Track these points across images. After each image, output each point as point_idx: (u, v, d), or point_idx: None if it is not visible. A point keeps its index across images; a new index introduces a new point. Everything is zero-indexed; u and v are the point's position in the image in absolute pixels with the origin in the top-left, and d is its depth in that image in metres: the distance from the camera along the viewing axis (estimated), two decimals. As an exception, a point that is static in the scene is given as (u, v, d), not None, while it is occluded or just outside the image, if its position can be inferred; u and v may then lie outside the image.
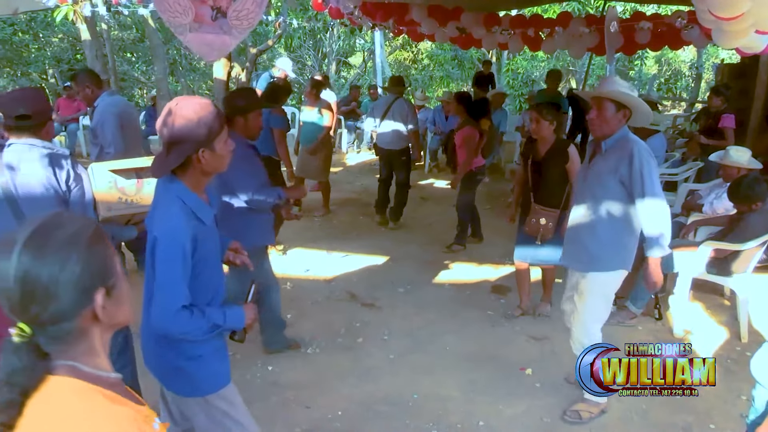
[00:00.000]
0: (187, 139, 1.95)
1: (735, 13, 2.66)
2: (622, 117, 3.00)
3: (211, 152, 1.99)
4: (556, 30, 6.44)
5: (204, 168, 2.02)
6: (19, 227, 1.08)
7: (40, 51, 16.86)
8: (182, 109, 1.97)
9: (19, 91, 2.95)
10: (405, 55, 21.51)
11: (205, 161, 2.00)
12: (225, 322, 2.08)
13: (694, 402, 3.45)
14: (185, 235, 1.96)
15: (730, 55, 15.19)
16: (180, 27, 3.81)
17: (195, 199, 2.03)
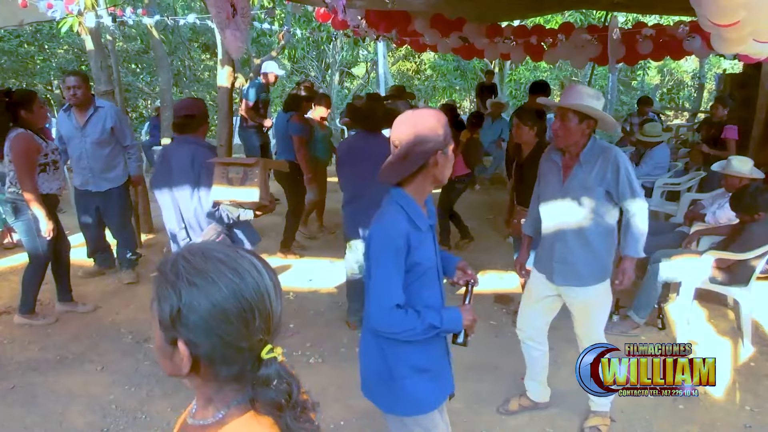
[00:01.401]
0: (429, 140, 1.96)
1: (730, 21, 2.68)
2: (586, 128, 2.96)
3: (444, 156, 2.00)
4: (559, 38, 6.47)
5: (437, 172, 2.02)
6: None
7: (45, 62, 16.95)
8: (420, 114, 2.02)
9: (187, 99, 3.94)
10: (408, 65, 21.58)
11: (440, 165, 2.00)
12: (442, 323, 2.02)
13: (697, 413, 3.44)
14: (399, 233, 1.97)
15: (733, 65, 15.19)
16: (222, 23, 4.09)
17: (413, 205, 2.03)
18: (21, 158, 4.24)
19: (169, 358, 1.04)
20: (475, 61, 16.86)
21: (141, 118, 17.76)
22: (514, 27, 7.64)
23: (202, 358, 1.01)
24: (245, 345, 1.01)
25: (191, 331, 0.99)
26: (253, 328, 1.01)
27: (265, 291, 1.03)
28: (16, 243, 6.43)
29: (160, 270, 1.03)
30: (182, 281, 0.98)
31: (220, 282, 0.99)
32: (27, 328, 4.54)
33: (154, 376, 3.87)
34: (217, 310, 0.98)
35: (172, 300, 0.98)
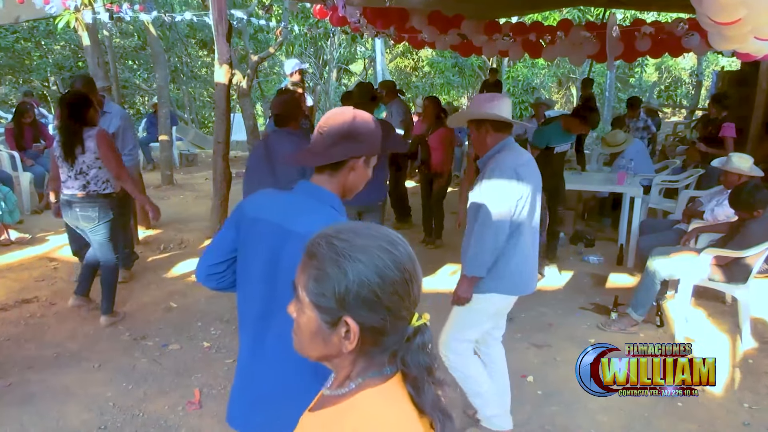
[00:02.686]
0: (360, 140, 1.76)
1: (731, 19, 2.67)
2: (485, 133, 2.93)
3: (365, 166, 1.79)
4: (558, 35, 6.46)
5: (350, 179, 1.78)
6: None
7: (42, 59, 16.92)
8: (363, 114, 1.81)
9: (285, 95, 4.51)
10: (406, 62, 21.57)
11: (357, 172, 1.78)
12: None
13: (696, 410, 3.43)
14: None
15: (730, 62, 15.23)
16: None
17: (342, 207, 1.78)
18: (113, 152, 4.28)
19: (324, 340, 1.05)
20: (473, 58, 16.85)
21: (138, 115, 17.74)
22: (513, 24, 7.61)
23: (367, 331, 1.03)
24: (406, 314, 1.05)
25: (361, 307, 1.01)
26: (412, 295, 1.05)
27: (414, 259, 1.07)
28: (14, 240, 6.42)
29: (313, 252, 1.04)
30: (346, 259, 1.00)
31: (383, 255, 1.02)
32: (23, 327, 4.52)
33: (152, 374, 3.86)
34: (385, 282, 1.01)
35: (339, 278, 1.00)
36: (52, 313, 4.73)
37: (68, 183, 4.24)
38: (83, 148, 4.17)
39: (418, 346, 1.04)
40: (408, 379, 1.05)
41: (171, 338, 4.33)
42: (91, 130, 4.22)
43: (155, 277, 5.54)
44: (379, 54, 15.48)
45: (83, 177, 4.21)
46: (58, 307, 4.83)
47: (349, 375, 1.08)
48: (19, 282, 5.37)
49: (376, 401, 1.03)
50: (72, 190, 4.24)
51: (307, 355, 1.11)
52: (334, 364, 1.10)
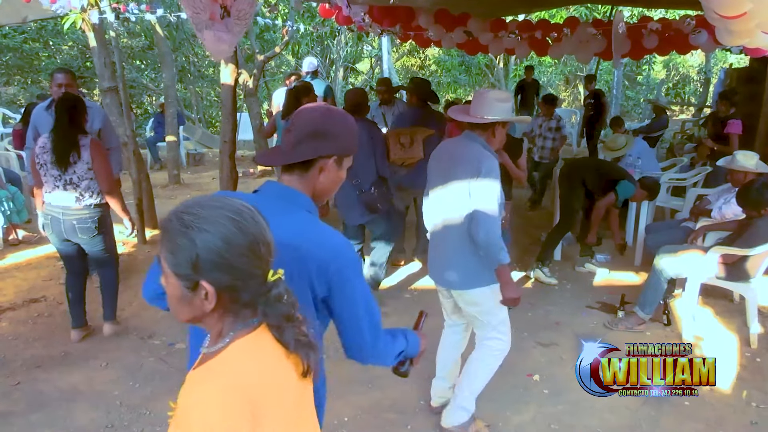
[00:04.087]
0: (334, 137, 1.63)
1: (737, 13, 2.66)
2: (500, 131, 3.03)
3: (335, 167, 1.65)
4: (564, 33, 6.43)
5: (319, 182, 1.65)
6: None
7: (50, 59, 16.99)
8: (335, 111, 1.69)
9: (356, 90, 5.24)
10: (412, 61, 21.55)
11: (326, 173, 1.64)
12: (406, 346, 1.78)
13: (703, 409, 3.42)
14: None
15: (739, 59, 15.12)
16: (200, 23, 3.94)
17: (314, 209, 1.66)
18: (108, 164, 4.10)
19: (189, 304, 1.19)
20: (480, 56, 16.81)
21: (146, 115, 17.81)
22: (519, 22, 7.57)
23: (223, 290, 1.16)
24: (257, 272, 1.18)
25: (212, 270, 1.14)
26: (260, 255, 1.18)
27: (261, 224, 1.20)
28: (21, 239, 6.45)
29: (166, 228, 1.16)
30: (193, 230, 1.13)
31: (227, 223, 1.14)
32: (31, 325, 4.55)
33: (159, 373, 3.87)
34: (230, 246, 1.14)
35: (190, 248, 1.13)
36: (60, 312, 4.76)
37: (56, 194, 3.95)
38: (78, 155, 3.91)
39: (274, 297, 1.20)
40: (271, 326, 1.21)
41: (178, 337, 4.35)
42: (84, 138, 3.96)
43: (162, 276, 5.55)
44: (386, 53, 15.46)
45: (73, 188, 3.95)
46: (66, 307, 4.85)
47: (221, 332, 1.21)
48: (27, 281, 5.40)
49: (246, 348, 1.18)
50: (63, 201, 3.96)
51: (181, 319, 1.23)
52: (206, 323, 1.23)
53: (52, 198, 3.97)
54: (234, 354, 1.17)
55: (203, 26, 3.95)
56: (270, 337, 1.21)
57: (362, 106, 4.94)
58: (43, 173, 3.95)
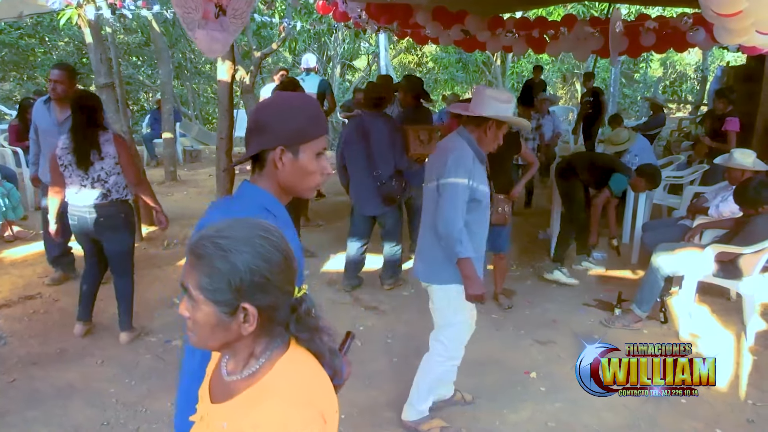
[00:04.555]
0: (269, 129, 1.53)
1: (733, 11, 2.66)
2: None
3: (291, 159, 1.54)
4: (561, 31, 6.42)
5: (281, 176, 1.56)
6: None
7: (46, 55, 16.93)
8: (281, 96, 1.60)
9: (376, 85, 5.46)
10: (409, 58, 21.51)
11: (284, 166, 1.54)
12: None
13: (701, 407, 3.42)
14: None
15: (736, 57, 15.13)
16: (192, 23, 3.91)
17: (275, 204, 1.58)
18: (133, 157, 4.17)
19: (225, 330, 1.15)
20: (477, 53, 16.80)
21: (142, 111, 17.75)
22: (516, 19, 7.58)
23: (263, 311, 1.14)
24: (291, 288, 1.19)
25: (255, 291, 1.12)
26: (293, 270, 1.19)
27: (287, 239, 1.20)
28: (16, 235, 6.43)
29: (200, 254, 1.13)
30: (233, 253, 1.11)
31: (262, 242, 1.14)
32: (27, 322, 4.53)
33: (155, 370, 3.86)
34: (271, 265, 1.13)
35: (231, 272, 1.10)
36: (56, 309, 4.74)
37: (82, 193, 3.92)
38: (100, 153, 3.88)
39: (305, 312, 1.21)
40: (301, 339, 1.22)
41: (174, 334, 4.33)
42: (106, 134, 3.95)
43: (159, 273, 5.54)
44: (383, 50, 15.43)
45: (101, 185, 3.92)
46: (62, 303, 4.84)
47: (253, 353, 1.20)
48: (23, 278, 5.38)
49: (295, 361, 1.19)
50: (89, 200, 3.92)
51: (209, 347, 1.20)
52: (236, 348, 1.20)
53: (77, 199, 3.94)
54: (287, 369, 1.17)
55: (195, 25, 3.93)
56: (304, 350, 1.23)
57: (384, 101, 4.97)
58: (69, 174, 3.91)
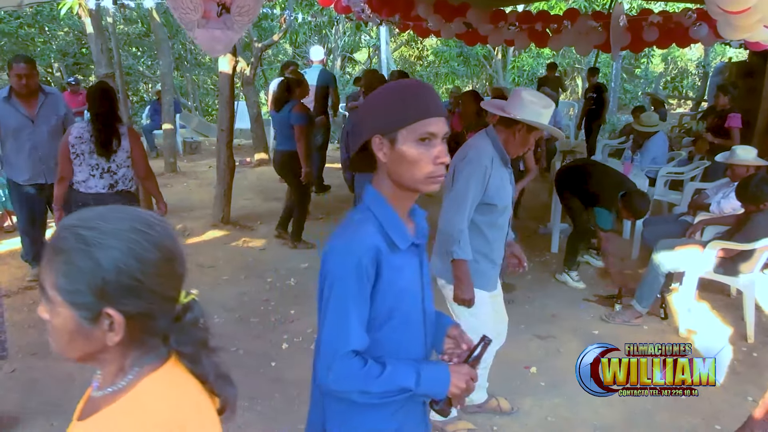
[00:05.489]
0: (368, 116, 1.46)
1: (741, 7, 2.65)
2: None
3: (389, 147, 1.42)
4: (564, 25, 6.41)
5: (389, 168, 1.44)
6: None
7: (45, 44, 16.87)
8: (387, 85, 1.50)
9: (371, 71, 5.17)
10: (410, 51, 21.47)
11: (384, 156, 1.43)
12: (418, 385, 1.43)
13: (700, 404, 3.42)
14: (365, 249, 1.40)
15: (738, 53, 15.12)
16: (189, 23, 3.89)
17: (388, 212, 1.47)
18: (144, 150, 4.22)
19: (86, 338, 0.96)
20: (478, 47, 16.75)
21: (142, 102, 17.71)
22: (519, 13, 7.54)
23: (135, 319, 0.95)
24: (173, 293, 1.01)
25: (123, 295, 0.93)
26: (176, 273, 1.00)
27: (174, 236, 1.02)
28: (15, 225, 6.41)
29: (57, 247, 0.94)
30: (96, 248, 0.92)
31: (137, 237, 0.95)
32: (26, 313, 4.53)
33: (155, 362, 3.86)
34: (143, 266, 0.94)
35: (93, 270, 0.92)
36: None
37: (90, 182, 3.99)
38: (119, 143, 3.97)
39: (189, 322, 1.02)
40: (184, 357, 1.03)
41: (174, 326, 4.33)
42: (122, 126, 4.04)
43: (158, 264, 5.53)
44: (384, 43, 15.39)
45: (111, 176, 4.01)
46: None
47: (123, 367, 1.00)
48: (22, 268, 5.37)
49: (162, 382, 0.99)
50: (96, 188, 4.00)
51: (69, 356, 1.00)
52: (101, 360, 1.01)
53: (84, 187, 4.00)
54: (149, 389, 0.98)
55: (194, 25, 3.91)
56: (183, 371, 1.04)
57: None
58: (79, 163, 3.95)
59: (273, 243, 6.18)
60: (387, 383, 1.41)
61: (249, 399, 3.43)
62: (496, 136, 2.85)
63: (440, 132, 1.40)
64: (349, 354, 1.40)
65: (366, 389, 1.42)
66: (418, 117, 1.38)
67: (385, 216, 1.46)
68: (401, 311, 1.50)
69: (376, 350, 1.46)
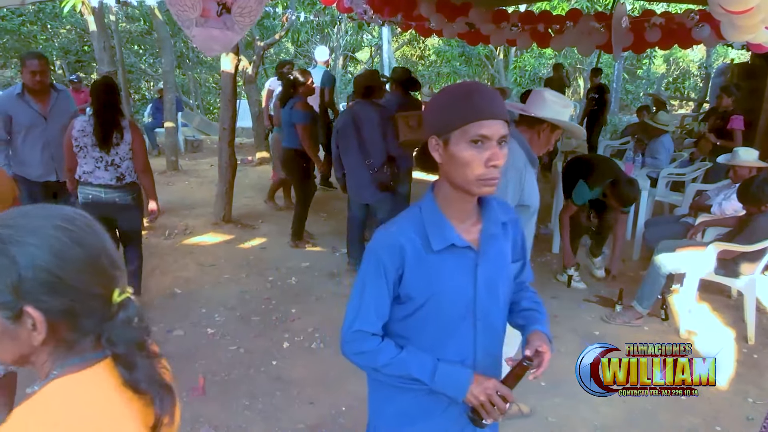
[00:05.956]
0: (428, 117, 1.50)
1: (744, 8, 2.65)
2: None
3: (443, 147, 1.45)
4: (567, 25, 6.41)
5: (444, 167, 1.48)
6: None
7: (48, 42, 16.88)
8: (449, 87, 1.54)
9: (366, 72, 5.62)
10: (412, 51, 21.47)
11: (438, 155, 1.47)
12: (432, 379, 1.52)
13: (700, 404, 3.42)
14: (389, 244, 1.50)
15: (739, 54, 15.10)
16: (187, 21, 3.87)
17: (436, 214, 1.51)
18: (144, 144, 4.31)
19: (13, 339, 0.95)
20: (480, 47, 16.75)
21: (143, 100, 17.72)
22: (521, 13, 7.54)
23: (58, 317, 0.94)
24: (99, 290, 0.96)
25: (42, 293, 0.92)
26: (102, 270, 0.97)
27: (100, 233, 0.99)
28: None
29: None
30: (13, 245, 0.91)
31: (58, 233, 0.94)
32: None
33: (156, 360, 3.86)
34: (65, 262, 0.93)
35: (8, 268, 0.91)
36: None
37: (97, 174, 4.09)
38: (122, 137, 4.07)
39: (122, 322, 0.97)
40: (119, 360, 0.96)
41: (175, 324, 4.34)
42: (124, 120, 4.13)
43: (160, 262, 5.54)
44: (386, 42, 15.41)
45: (115, 169, 4.10)
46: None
47: (49, 369, 0.97)
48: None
49: (62, 391, 0.93)
50: (104, 180, 4.11)
51: (4, 359, 0.99)
52: (33, 362, 0.99)
53: (93, 178, 4.10)
54: (51, 394, 0.93)
55: (191, 23, 3.89)
56: (108, 376, 0.97)
57: (373, 90, 5.06)
58: (83, 155, 4.06)
59: (274, 242, 6.18)
60: (398, 367, 1.52)
61: (250, 397, 3.44)
62: (521, 136, 2.81)
63: (494, 135, 1.40)
64: (360, 332, 1.54)
65: (376, 367, 1.55)
66: (470, 119, 1.39)
67: (430, 216, 1.51)
68: (435, 312, 1.54)
69: (406, 339, 1.57)
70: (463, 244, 1.51)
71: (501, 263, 1.60)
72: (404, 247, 1.48)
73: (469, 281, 1.54)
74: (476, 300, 1.55)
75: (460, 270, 1.53)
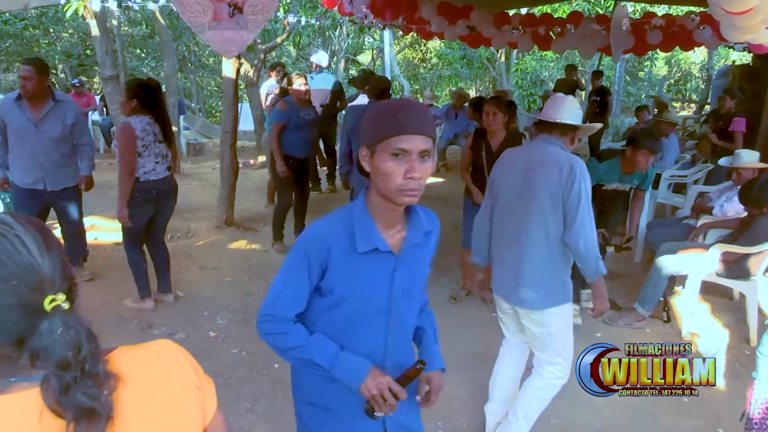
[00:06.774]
0: (364, 128, 1.58)
1: (743, 8, 2.65)
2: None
3: (372, 159, 1.53)
4: (568, 28, 6.42)
5: (371, 177, 1.57)
6: None
7: (50, 46, 16.94)
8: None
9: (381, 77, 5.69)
10: (414, 53, 21.48)
11: (367, 165, 1.56)
12: (332, 366, 1.62)
13: (702, 406, 3.42)
14: (316, 238, 1.61)
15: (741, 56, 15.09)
16: (200, 26, 3.91)
17: (364, 218, 1.59)
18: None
19: None
20: (482, 49, 16.76)
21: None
22: (522, 15, 7.58)
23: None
24: (11, 300, 0.85)
25: None
26: (15, 279, 0.85)
27: (16, 238, 0.88)
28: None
29: None
30: None
31: None
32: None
33: (158, 362, 3.86)
34: None
35: None
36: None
37: (157, 168, 4.35)
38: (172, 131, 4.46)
39: (45, 334, 0.85)
40: (48, 384, 0.85)
41: (178, 327, 4.35)
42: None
43: (162, 265, 5.54)
44: (387, 45, 15.42)
45: (165, 160, 4.40)
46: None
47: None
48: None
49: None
50: (162, 174, 4.39)
51: None
52: None
53: (154, 174, 4.34)
54: None
55: (205, 28, 3.91)
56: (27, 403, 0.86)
57: (387, 92, 5.23)
58: (148, 153, 4.27)
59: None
60: (304, 351, 1.63)
61: (252, 400, 3.44)
62: (560, 142, 2.82)
63: (414, 149, 1.48)
64: (274, 316, 1.64)
65: (283, 348, 1.65)
66: (392, 133, 1.48)
67: (358, 219, 1.59)
68: (352, 307, 1.65)
69: (324, 328, 1.66)
70: (385, 249, 1.60)
71: (418, 270, 1.72)
72: (331, 244, 1.58)
73: (386, 283, 1.65)
74: (391, 301, 1.66)
75: (380, 272, 1.63)
